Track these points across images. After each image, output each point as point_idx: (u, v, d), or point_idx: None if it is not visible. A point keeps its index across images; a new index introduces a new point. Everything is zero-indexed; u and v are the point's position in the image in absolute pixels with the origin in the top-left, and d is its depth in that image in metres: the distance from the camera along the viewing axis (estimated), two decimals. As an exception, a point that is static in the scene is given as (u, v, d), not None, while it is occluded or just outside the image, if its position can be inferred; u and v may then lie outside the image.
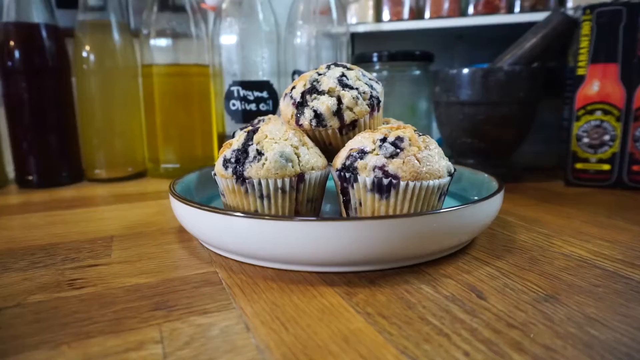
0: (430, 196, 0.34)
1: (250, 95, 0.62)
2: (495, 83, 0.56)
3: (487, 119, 0.58)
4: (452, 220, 0.31)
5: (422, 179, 0.33)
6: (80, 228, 0.43)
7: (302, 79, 0.40)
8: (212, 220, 0.32)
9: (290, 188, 0.35)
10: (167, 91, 0.67)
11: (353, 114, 0.38)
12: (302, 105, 0.39)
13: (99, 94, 0.65)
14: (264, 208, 0.35)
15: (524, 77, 0.56)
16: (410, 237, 0.30)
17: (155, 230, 0.42)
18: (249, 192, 0.35)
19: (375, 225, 0.29)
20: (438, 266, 0.32)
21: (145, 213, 0.48)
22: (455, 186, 0.46)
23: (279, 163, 0.34)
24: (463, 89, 0.58)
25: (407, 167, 0.33)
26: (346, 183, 0.35)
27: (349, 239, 0.29)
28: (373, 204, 0.34)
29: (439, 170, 0.34)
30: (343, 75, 0.39)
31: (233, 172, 0.35)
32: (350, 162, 0.35)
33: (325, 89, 0.38)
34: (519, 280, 0.30)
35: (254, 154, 0.34)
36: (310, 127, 0.38)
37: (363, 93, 0.38)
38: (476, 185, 0.43)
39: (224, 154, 0.36)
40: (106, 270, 0.32)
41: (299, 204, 0.36)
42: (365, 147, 0.34)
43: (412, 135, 0.35)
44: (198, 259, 0.34)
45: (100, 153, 0.66)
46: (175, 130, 0.68)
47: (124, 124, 0.67)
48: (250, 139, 0.35)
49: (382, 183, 0.33)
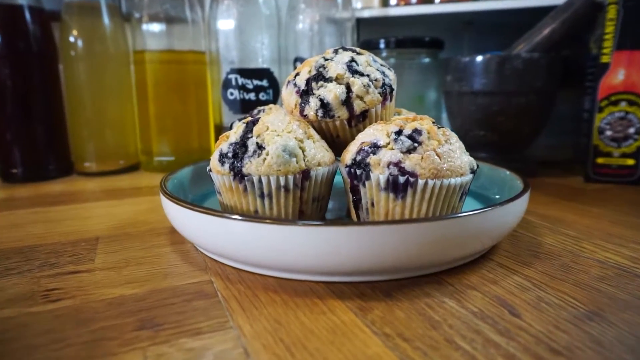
0: (452, 196, 0.31)
1: (249, 83, 0.58)
2: (512, 71, 0.52)
3: (501, 110, 0.54)
4: (478, 224, 0.27)
5: (443, 176, 0.30)
6: (64, 227, 0.39)
7: (307, 64, 0.36)
8: (206, 223, 0.28)
9: (294, 186, 0.31)
10: (160, 79, 0.63)
11: (363, 104, 0.34)
12: (307, 93, 0.35)
13: (87, 82, 0.61)
14: (264, 208, 0.31)
15: (542, 65, 0.53)
16: (432, 244, 0.26)
17: (145, 230, 0.38)
18: (248, 190, 0.31)
19: (392, 231, 0.25)
20: (460, 275, 0.29)
21: (136, 211, 0.44)
22: (473, 183, 0.42)
23: (282, 158, 0.30)
24: (476, 77, 0.55)
25: (426, 163, 0.29)
26: (357, 181, 0.31)
27: (362, 247, 0.25)
28: (387, 204, 0.31)
29: (461, 167, 0.31)
30: (352, 61, 0.35)
31: (230, 168, 0.31)
32: (362, 158, 0.31)
33: (332, 75, 0.34)
34: (554, 292, 0.26)
35: (254, 148, 0.31)
36: (316, 117, 0.34)
37: (375, 80, 0.34)
38: (496, 183, 0.39)
39: (220, 148, 0.32)
40: (88, 278, 0.29)
41: (304, 204, 0.32)
42: (378, 141, 0.31)
43: (431, 127, 0.31)
44: (191, 266, 0.31)
45: (90, 145, 0.62)
46: (170, 121, 0.64)
47: (115, 114, 0.63)
48: (249, 131, 0.32)
49: (398, 181, 0.29)
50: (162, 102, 0.63)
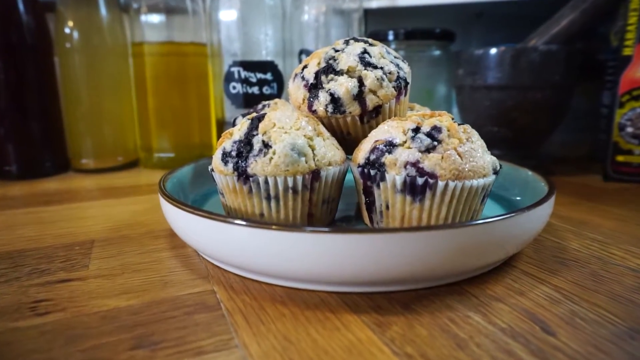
0: (473, 198, 0.28)
1: (252, 77, 0.56)
2: (528, 65, 0.50)
3: (517, 105, 0.52)
4: (504, 230, 0.25)
5: (465, 178, 0.27)
6: (58, 229, 0.37)
7: (316, 56, 0.34)
8: (207, 228, 0.26)
9: (303, 187, 0.29)
10: (160, 72, 0.60)
11: (377, 99, 0.32)
12: (316, 87, 0.32)
13: (84, 76, 0.58)
14: (271, 211, 0.29)
15: (561, 59, 0.50)
16: (454, 253, 0.24)
17: (143, 232, 0.36)
18: (253, 192, 0.29)
19: (411, 240, 0.23)
20: (483, 284, 0.26)
21: (134, 211, 0.42)
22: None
23: (290, 157, 0.28)
24: (490, 71, 0.52)
25: (446, 163, 0.27)
26: (370, 181, 0.29)
27: (378, 256, 0.23)
28: (403, 207, 0.28)
29: (483, 167, 0.28)
30: (365, 52, 0.32)
31: (234, 168, 0.29)
32: (376, 157, 0.29)
33: (344, 68, 0.32)
34: (588, 305, 0.24)
35: (260, 147, 0.28)
36: (325, 113, 0.32)
37: (389, 73, 0.32)
38: (517, 184, 0.37)
39: (223, 146, 0.30)
40: (80, 287, 0.26)
41: (313, 206, 0.30)
42: (394, 139, 0.29)
43: (451, 124, 0.29)
44: (192, 273, 0.28)
45: (87, 141, 0.60)
46: (170, 116, 0.61)
47: (112, 109, 0.61)
48: (254, 128, 0.29)
49: (416, 183, 0.27)
50: (161, 96, 0.61)
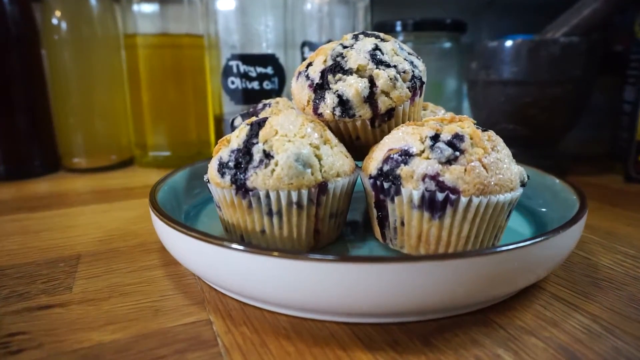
0: (499, 214, 0.26)
1: (252, 71, 0.52)
2: (548, 58, 0.47)
3: (534, 101, 0.49)
4: (537, 254, 0.22)
5: (490, 192, 0.24)
6: (42, 241, 0.34)
7: (322, 52, 0.31)
8: (201, 251, 0.23)
9: (309, 202, 0.26)
10: (154, 66, 0.57)
11: (390, 101, 0.29)
12: (322, 88, 0.29)
13: (74, 69, 0.55)
14: (273, 228, 0.26)
15: (582, 51, 0.47)
16: (482, 281, 0.21)
17: (135, 245, 0.33)
18: (254, 206, 0.26)
19: (433, 270, 0.20)
20: (509, 313, 0.24)
21: (126, 218, 0.39)
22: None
23: (295, 169, 0.25)
24: (506, 65, 0.49)
25: (470, 176, 0.24)
26: (383, 195, 0.26)
27: (395, 288, 0.20)
28: (421, 224, 0.25)
29: (511, 181, 0.25)
30: (376, 49, 0.29)
31: (232, 181, 0.26)
32: (390, 168, 0.26)
33: (353, 66, 0.29)
34: (633, 341, 0.21)
35: (260, 157, 0.25)
36: (332, 117, 0.29)
37: (403, 72, 0.29)
38: (542, 192, 0.33)
39: (220, 156, 0.27)
40: (62, 316, 0.24)
41: (320, 221, 0.27)
42: (410, 147, 0.26)
43: (474, 131, 0.26)
44: (187, 297, 0.26)
45: (78, 138, 0.57)
46: (165, 112, 0.58)
47: (104, 104, 0.58)
48: (254, 136, 0.26)
49: (436, 198, 0.24)
50: (156, 91, 0.57)
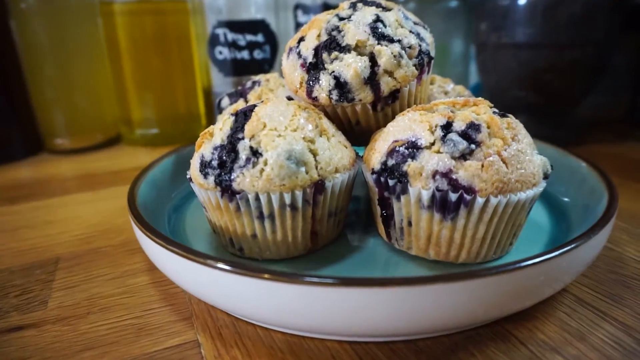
0: (519, 213, 0.23)
1: (240, 39, 0.48)
2: (567, 18, 0.42)
3: (550, 66, 0.44)
4: (564, 264, 0.20)
5: (511, 190, 0.21)
6: (19, 241, 0.32)
7: (315, 25, 0.27)
8: (184, 267, 0.20)
9: (304, 203, 0.23)
10: (135, 34, 0.52)
11: (394, 81, 0.25)
12: (317, 67, 0.26)
13: (47, 41, 0.50)
14: (265, 232, 0.24)
15: (606, 9, 0.42)
16: (502, 298, 0.19)
17: (118, 244, 0.31)
18: (242, 210, 0.23)
19: (449, 292, 0.17)
20: (530, 323, 0.21)
21: (111, 209, 0.36)
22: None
23: (287, 169, 0.22)
24: (520, 26, 0.44)
25: (488, 174, 0.21)
26: (388, 192, 0.23)
27: (402, 313, 0.18)
28: (430, 225, 0.23)
29: (533, 175, 0.22)
30: (378, 20, 0.25)
31: (216, 183, 0.23)
32: (396, 163, 0.23)
33: (351, 42, 0.25)
34: (670, 358, 0.19)
35: (247, 155, 0.22)
36: (329, 101, 0.26)
37: (409, 48, 0.25)
38: (564, 177, 0.30)
39: (201, 153, 0.24)
40: (34, 339, 0.21)
41: (317, 222, 0.24)
42: (418, 139, 0.22)
43: (492, 118, 0.22)
44: (173, 310, 0.23)
45: (59, 116, 0.53)
46: (150, 84, 0.54)
47: (84, 78, 0.54)
48: (239, 129, 0.23)
49: (448, 198, 0.21)
50: (138, 62, 0.53)
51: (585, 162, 0.29)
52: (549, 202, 0.30)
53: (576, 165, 0.30)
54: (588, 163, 0.29)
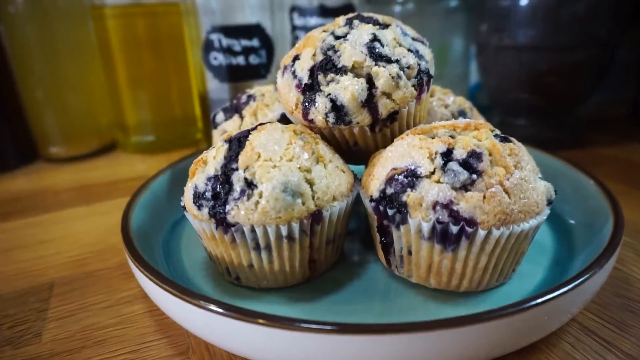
0: (522, 242, 0.22)
1: (235, 45, 0.47)
2: (571, 19, 0.41)
3: (552, 69, 0.43)
4: (570, 299, 0.19)
5: (513, 221, 0.21)
6: (13, 264, 0.31)
7: (310, 42, 0.26)
8: (180, 308, 0.20)
9: (302, 233, 0.22)
10: (127, 39, 0.51)
11: (392, 103, 0.24)
12: (312, 89, 0.25)
13: (38, 46, 0.49)
14: (262, 262, 0.23)
15: (611, 8, 0.41)
16: (504, 339, 0.18)
17: (113, 267, 0.30)
18: (238, 242, 0.22)
19: (452, 337, 0.17)
20: (534, 355, 0.21)
21: (107, 226, 0.36)
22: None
23: (282, 201, 0.21)
24: (521, 28, 0.43)
25: (490, 205, 0.20)
26: (387, 221, 0.23)
27: (403, 356, 0.17)
28: (431, 255, 0.22)
29: (537, 204, 0.22)
30: (375, 39, 0.24)
31: (210, 215, 0.22)
32: (395, 192, 0.22)
33: (347, 64, 0.24)
34: (678, 396, 0.19)
35: (242, 187, 0.21)
36: (325, 124, 0.25)
37: (407, 68, 0.24)
38: (567, 191, 0.29)
39: (195, 184, 0.23)
40: (27, 378, 0.21)
41: (315, 251, 0.24)
42: (417, 167, 0.22)
43: (493, 145, 0.22)
44: (169, 344, 0.23)
45: (52, 123, 0.52)
46: (144, 87, 0.53)
47: (77, 83, 0.52)
48: (234, 159, 0.22)
49: (449, 230, 0.21)
50: (132, 66, 0.52)
51: (589, 176, 0.28)
52: (551, 218, 0.29)
53: (580, 180, 0.29)
54: (592, 178, 0.28)
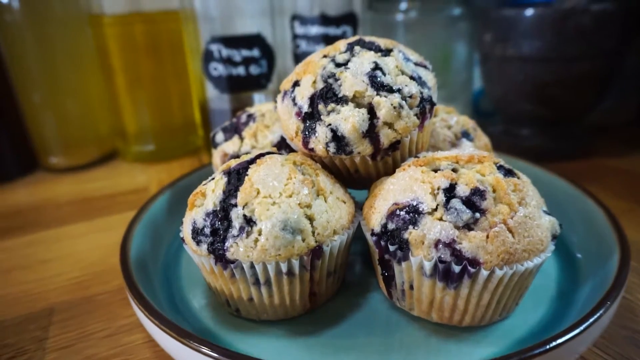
0: (526, 279, 0.22)
1: (236, 55, 0.46)
2: (576, 30, 0.40)
3: (558, 80, 0.43)
4: (578, 343, 0.19)
5: (517, 261, 0.20)
6: (13, 286, 0.31)
7: (310, 69, 0.25)
8: (179, 350, 0.20)
9: (302, 268, 0.22)
10: (126, 47, 0.50)
11: (394, 133, 0.24)
12: (313, 117, 0.24)
13: (35, 54, 0.48)
14: (261, 296, 0.23)
15: (618, 20, 0.40)
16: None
17: (114, 290, 0.30)
18: (237, 277, 0.22)
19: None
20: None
21: (107, 244, 0.36)
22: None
23: (282, 239, 0.21)
24: (526, 38, 0.42)
25: (493, 245, 0.20)
26: (389, 255, 0.22)
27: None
28: (433, 291, 0.22)
29: (541, 242, 0.21)
30: (376, 68, 0.24)
31: (209, 251, 0.22)
32: (396, 227, 0.21)
33: (348, 93, 0.23)
34: None
35: (241, 223, 0.21)
36: (326, 153, 0.24)
37: (410, 97, 0.24)
38: (572, 217, 0.29)
39: (193, 218, 0.23)
40: (27, 416, 0.21)
41: (316, 284, 0.23)
42: (419, 203, 0.21)
43: (498, 182, 0.21)
44: (168, 379, 0.23)
45: (52, 131, 0.52)
46: (144, 95, 0.53)
47: (76, 91, 0.52)
48: (232, 194, 0.22)
49: (451, 269, 0.20)
50: (131, 74, 0.52)
51: (594, 201, 0.28)
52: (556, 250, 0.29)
53: (585, 204, 0.28)
54: (598, 204, 0.28)
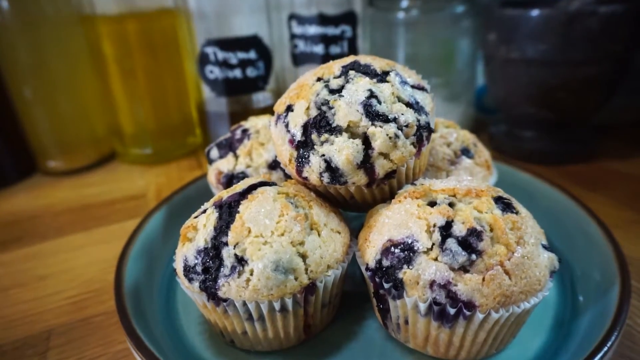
0: (523, 317, 0.21)
1: (232, 58, 0.45)
2: (584, 33, 0.39)
3: (563, 84, 0.41)
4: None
5: (514, 302, 0.20)
6: (10, 306, 0.31)
7: (303, 94, 0.24)
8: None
9: (295, 304, 0.22)
10: (120, 47, 0.49)
11: (390, 163, 0.23)
12: (306, 146, 0.24)
13: (28, 56, 0.47)
14: (255, 331, 0.23)
15: (626, 22, 0.38)
16: None
17: (111, 310, 0.30)
18: (231, 314, 0.22)
19: None
20: None
21: (104, 259, 0.36)
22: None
23: (274, 280, 0.20)
24: (532, 40, 0.41)
25: (490, 288, 0.20)
26: (383, 290, 0.22)
27: None
28: (428, 328, 0.21)
29: (539, 282, 0.21)
30: (372, 96, 0.23)
31: (201, 289, 0.21)
32: (390, 265, 0.21)
33: (342, 123, 0.23)
34: None
35: (232, 263, 0.21)
36: (320, 182, 0.24)
37: (406, 126, 0.23)
38: (569, 233, 0.28)
39: (185, 255, 0.22)
40: None
41: (310, 317, 0.23)
42: (414, 241, 0.21)
43: (496, 221, 0.20)
44: (164, 411, 0.23)
45: (49, 134, 0.51)
46: (141, 96, 0.52)
47: (71, 93, 0.51)
48: (223, 232, 0.21)
49: (447, 311, 0.20)
50: (127, 75, 0.50)
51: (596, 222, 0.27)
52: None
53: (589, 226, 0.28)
54: (599, 225, 0.27)
